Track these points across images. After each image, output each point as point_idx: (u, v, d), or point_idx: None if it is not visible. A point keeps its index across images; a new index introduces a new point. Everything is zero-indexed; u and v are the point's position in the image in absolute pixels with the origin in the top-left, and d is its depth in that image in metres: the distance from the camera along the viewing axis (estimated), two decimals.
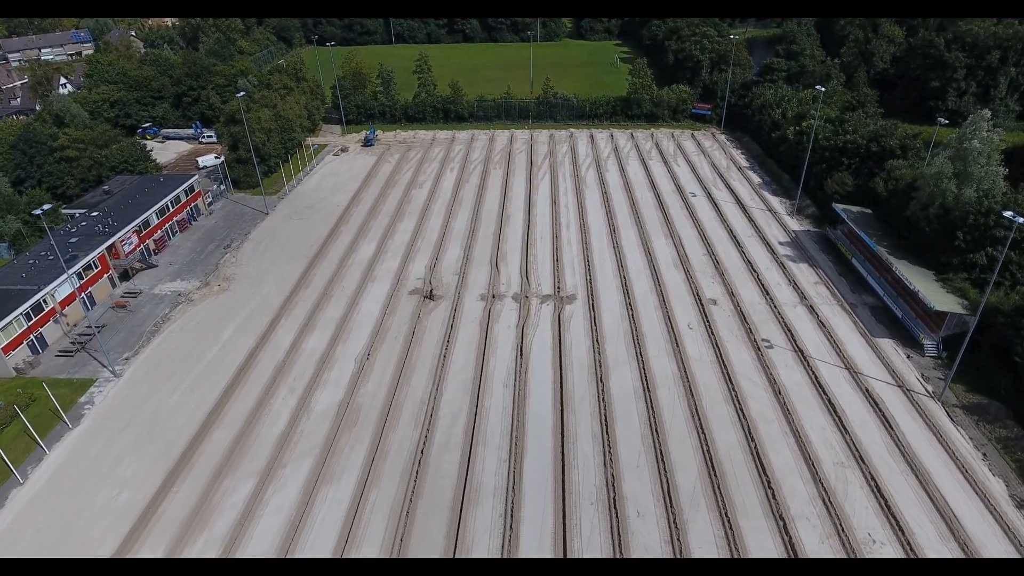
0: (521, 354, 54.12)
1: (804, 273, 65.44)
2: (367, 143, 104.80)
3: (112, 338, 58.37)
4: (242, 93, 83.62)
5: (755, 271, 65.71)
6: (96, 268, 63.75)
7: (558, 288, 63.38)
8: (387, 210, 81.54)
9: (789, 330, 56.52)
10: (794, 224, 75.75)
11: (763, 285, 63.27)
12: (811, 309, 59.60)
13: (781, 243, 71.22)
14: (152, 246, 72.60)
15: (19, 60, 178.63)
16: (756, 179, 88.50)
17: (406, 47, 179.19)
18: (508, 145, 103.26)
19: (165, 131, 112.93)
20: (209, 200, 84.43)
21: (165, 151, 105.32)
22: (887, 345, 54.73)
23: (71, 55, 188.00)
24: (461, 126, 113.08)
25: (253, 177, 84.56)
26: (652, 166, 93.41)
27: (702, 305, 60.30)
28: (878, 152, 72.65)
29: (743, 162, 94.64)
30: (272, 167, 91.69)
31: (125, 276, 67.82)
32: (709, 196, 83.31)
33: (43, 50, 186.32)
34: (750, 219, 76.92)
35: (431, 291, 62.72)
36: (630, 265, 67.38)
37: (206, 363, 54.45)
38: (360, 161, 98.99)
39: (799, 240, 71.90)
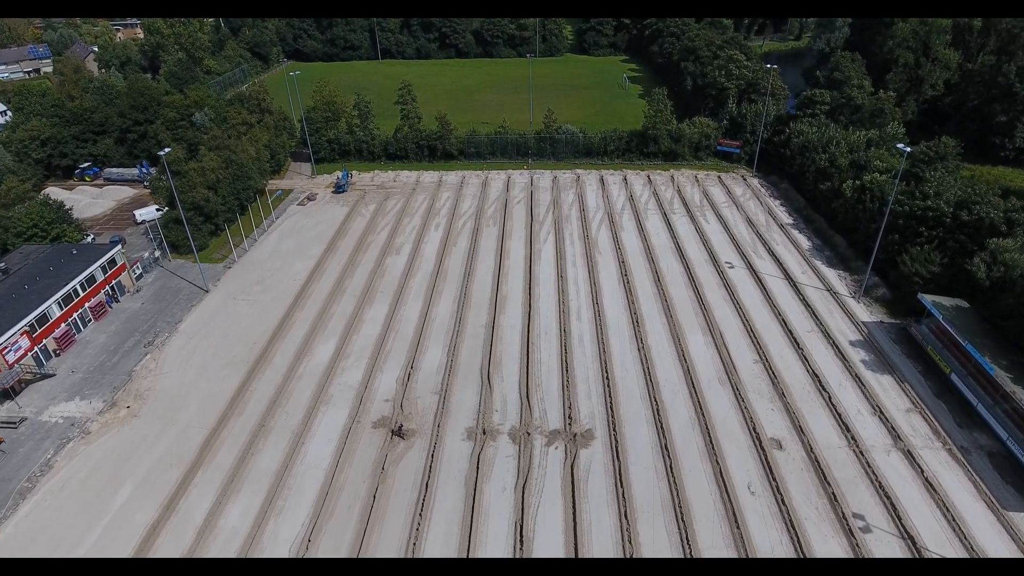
0: (522, 543, 38.84)
1: (889, 393, 50.19)
2: (338, 189, 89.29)
3: None
4: (167, 150, 67.38)
5: (825, 390, 50.41)
6: None
7: (569, 419, 48.06)
8: (354, 288, 66.06)
9: (887, 497, 41.27)
10: (862, 311, 60.50)
11: (839, 414, 48.00)
12: (910, 456, 44.37)
13: (851, 342, 55.96)
14: (53, 345, 57.27)
15: None
16: (804, 242, 73.12)
17: (393, 63, 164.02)
18: (504, 192, 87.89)
19: (108, 171, 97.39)
20: (138, 273, 68.94)
21: (102, 198, 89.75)
22: None
23: (28, 72, 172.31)
24: (449, 166, 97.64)
25: (191, 243, 69.04)
26: (676, 222, 78.06)
27: (763, 449, 45.05)
28: (970, 223, 57.61)
29: (785, 217, 79.28)
30: (220, 225, 76.23)
31: (7, 395, 52.43)
32: (750, 267, 67.98)
33: None
34: (806, 303, 61.61)
35: (400, 426, 47.36)
36: (661, 378, 52.09)
37: (83, 554, 39.09)
38: (329, 213, 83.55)
39: (873, 338, 56.62)
